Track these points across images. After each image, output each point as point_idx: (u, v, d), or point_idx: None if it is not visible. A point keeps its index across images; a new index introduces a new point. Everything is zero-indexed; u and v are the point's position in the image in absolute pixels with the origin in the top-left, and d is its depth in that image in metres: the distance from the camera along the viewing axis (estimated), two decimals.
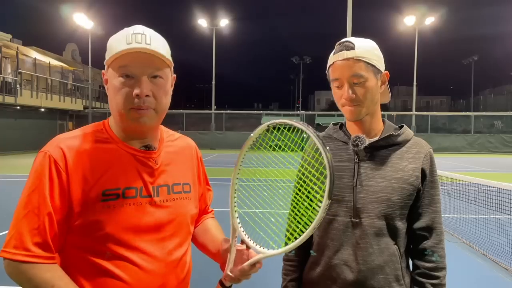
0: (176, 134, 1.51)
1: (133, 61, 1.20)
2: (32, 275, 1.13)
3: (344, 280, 1.49)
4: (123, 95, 1.21)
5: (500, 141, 32.70)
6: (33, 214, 1.15)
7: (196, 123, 36.45)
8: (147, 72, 1.22)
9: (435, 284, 1.49)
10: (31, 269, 1.14)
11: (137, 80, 1.21)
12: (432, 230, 1.52)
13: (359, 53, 1.47)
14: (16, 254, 1.13)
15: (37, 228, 1.15)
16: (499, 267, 5.21)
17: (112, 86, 1.25)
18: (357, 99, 1.49)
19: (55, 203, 1.17)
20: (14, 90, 25.37)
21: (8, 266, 1.16)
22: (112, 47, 1.24)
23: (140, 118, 1.23)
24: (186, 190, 1.40)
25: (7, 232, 1.17)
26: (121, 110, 1.23)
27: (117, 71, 1.22)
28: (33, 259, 1.14)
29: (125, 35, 1.22)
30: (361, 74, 1.47)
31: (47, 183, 1.17)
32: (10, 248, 1.14)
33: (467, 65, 70.58)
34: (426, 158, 1.54)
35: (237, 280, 1.31)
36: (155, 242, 1.27)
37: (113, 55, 1.21)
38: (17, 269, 1.14)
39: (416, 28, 36.94)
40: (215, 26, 40.04)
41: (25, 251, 1.14)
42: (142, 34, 1.22)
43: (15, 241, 1.14)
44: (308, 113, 38.94)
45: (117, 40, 1.23)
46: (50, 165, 1.18)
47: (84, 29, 33.88)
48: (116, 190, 1.23)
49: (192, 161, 1.49)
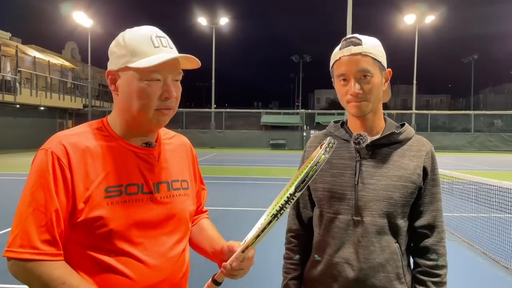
0: (171, 132, 1.52)
1: (163, 66, 1.22)
2: (41, 273, 1.12)
3: (345, 278, 1.49)
4: (152, 97, 1.23)
5: (500, 139, 32.76)
6: (39, 212, 1.14)
7: (195, 121, 36.46)
8: (173, 75, 1.27)
9: (436, 282, 1.49)
10: (39, 267, 1.12)
11: (165, 83, 1.25)
12: (434, 228, 1.52)
13: (366, 49, 1.47)
14: (23, 253, 1.12)
15: (45, 225, 1.13)
16: (499, 265, 5.21)
17: (135, 88, 1.23)
18: (363, 94, 1.48)
19: (61, 199, 1.16)
20: (14, 89, 25.36)
21: (14, 266, 1.14)
22: (140, 51, 1.22)
23: (162, 117, 1.28)
24: (184, 186, 1.41)
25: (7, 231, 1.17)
26: (146, 111, 1.24)
27: (145, 75, 1.22)
28: (42, 256, 1.13)
29: (148, 37, 1.24)
30: (368, 69, 1.46)
31: (52, 180, 1.16)
32: (15, 248, 1.13)
33: (467, 63, 70.59)
34: (427, 156, 1.54)
35: (229, 275, 1.31)
36: (156, 237, 1.27)
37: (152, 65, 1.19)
38: (25, 268, 1.13)
39: (416, 27, 36.95)
40: (215, 25, 40.04)
41: (33, 249, 1.12)
42: (164, 37, 1.27)
43: (21, 240, 1.13)
44: (308, 111, 38.96)
45: (141, 42, 1.23)
46: (53, 162, 1.17)
47: (84, 28, 33.88)
48: (118, 186, 1.23)
49: (188, 159, 1.50)
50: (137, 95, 1.24)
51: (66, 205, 1.17)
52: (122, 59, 1.24)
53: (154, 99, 1.24)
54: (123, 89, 1.26)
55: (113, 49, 1.28)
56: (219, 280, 1.31)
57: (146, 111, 1.24)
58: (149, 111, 1.25)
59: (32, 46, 32.69)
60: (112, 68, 1.28)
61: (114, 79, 1.28)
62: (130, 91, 1.24)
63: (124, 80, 1.26)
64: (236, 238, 1.40)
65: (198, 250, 1.51)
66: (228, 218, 7.32)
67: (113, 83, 1.29)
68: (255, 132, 35.05)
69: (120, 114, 1.31)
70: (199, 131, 33.61)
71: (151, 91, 1.23)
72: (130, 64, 1.22)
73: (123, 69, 1.25)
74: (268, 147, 33.06)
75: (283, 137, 33.94)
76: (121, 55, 1.24)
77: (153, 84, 1.23)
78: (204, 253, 1.48)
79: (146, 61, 1.21)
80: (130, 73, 1.24)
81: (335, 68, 1.54)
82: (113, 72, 1.28)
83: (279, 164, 19.31)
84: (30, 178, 1.18)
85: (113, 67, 1.27)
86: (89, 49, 34.22)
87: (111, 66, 1.28)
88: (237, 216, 7.82)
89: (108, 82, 1.30)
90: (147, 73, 1.22)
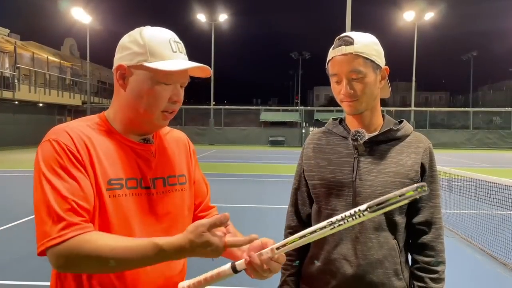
0: (167, 128, 1.51)
1: (179, 71, 1.25)
2: (88, 249, 1.08)
3: (343, 275, 1.49)
4: (162, 99, 1.26)
5: (499, 136, 32.83)
6: (64, 197, 1.11)
7: (194, 118, 36.46)
8: (182, 81, 1.30)
9: (434, 278, 1.49)
10: (85, 244, 1.08)
11: (175, 87, 1.28)
12: (432, 224, 1.52)
13: (358, 49, 1.46)
14: (67, 233, 1.08)
15: (74, 206, 1.11)
16: (498, 262, 5.24)
17: (147, 87, 1.24)
18: (355, 94, 1.48)
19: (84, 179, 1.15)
20: (12, 85, 25.30)
21: (61, 254, 1.08)
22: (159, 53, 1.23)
23: (165, 120, 1.32)
24: (181, 181, 1.40)
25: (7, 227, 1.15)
26: (152, 111, 1.26)
27: (161, 78, 1.23)
28: (86, 229, 1.10)
29: (167, 41, 1.26)
30: (360, 70, 1.46)
31: (67, 161, 1.15)
32: (55, 234, 1.08)
33: (466, 60, 70.58)
34: (425, 153, 1.54)
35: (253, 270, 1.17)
36: (153, 233, 1.25)
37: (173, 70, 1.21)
38: (73, 250, 1.08)
39: (415, 24, 36.88)
40: (214, 21, 39.94)
41: (74, 226, 1.09)
42: (180, 43, 1.31)
43: (58, 225, 1.09)
44: (307, 108, 39.00)
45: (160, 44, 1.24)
46: (63, 148, 1.16)
47: (82, 24, 33.72)
48: (120, 180, 1.23)
49: (186, 153, 1.50)
50: (149, 95, 1.24)
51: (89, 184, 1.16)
52: (139, 57, 1.23)
53: (163, 102, 1.26)
54: (134, 86, 1.25)
55: (127, 45, 1.26)
56: (238, 268, 1.17)
57: (153, 111, 1.26)
58: (155, 111, 1.26)
59: (30, 42, 32.59)
60: (125, 63, 1.25)
61: (123, 74, 1.26)
62: (141, 90, 1.24)
63: (137, 77, 1.25)
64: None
65: None
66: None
67: (121, 78, 1.27)
68: (254, 129, 35.06)
69: (123, 110, 1.30)
70: (198, 128, 33.60)
71: (164, 93, 1.26)
72: (147, 64, 1.22)
73: (137, 67, 1.24)
74: (267, 144, 33.06)
75: (282, 134, 33.94)
76: (138, 53, 1.23)
77: (165, 87, 1.26)
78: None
79: (167, 64, 1.21)
80: (144, 73, 1.23)
81: (329, 68, 1.55)
82: (124, 67, 1.25)
83: (278, 161, 19.31)
84: (40, 170, 1.14)
85: (126, 62, 1.25)
86: (88, 46, 34.13)
87: (123, 61, 1.25)
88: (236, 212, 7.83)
89: (115, 76, 1.28)
90: (163, 76, 1.23)
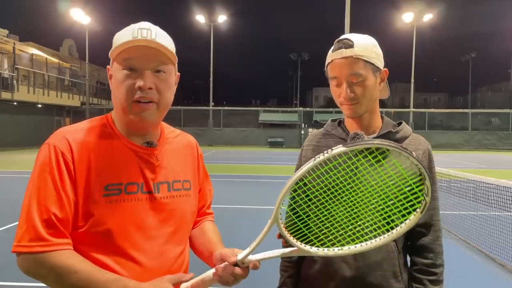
0: (177, 130, 1.51)
1: (137, 54, 1.21)
2: (54, 264, 1.12)
3: (342, 277, 1.49)
4: (126, 87, 1.22)
5: (497, 138, 32.87)
6: (45, 205, 1.14)
7: (193, 119, 36.43)
8: (151, 66, 1.23)
9: (433, 280, 1.49)
10: (51, 259, 1.12)
11: (141, 73, 1.22)
12: (430, 226, 1.52)
13: (358, 51, 1.45)
14: (34, 246, 1.12)
15: (51, 218, 1.14)
16: (496, 263, 5.24)
17: (115, 79, 1.25)
18: (355, 97, 1.48)
19: (66, 191, 1.16)
20: (11, 86, 25.25)
21: (25, 261, 1.13)
22: (117, 41, 1.24)
23: (141, 112, 1.24)
24: (186, 187, 1.39)
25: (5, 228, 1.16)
26: (124, 103, 1.24)
27: (121, 64, 1.23)
28: (52, 247, 1.12)
29: (131, 30, 1.24)
30: (360, 73, 1.46)
31: (56, 173, 1.16)
32: (25, 242, 1.12)
33: (464, 62, 70.72)
34: (424, 155, 1.54)
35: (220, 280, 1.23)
36: (155, 238, 1.26)
37: (117, 47, 1.21)
38: (36, 262, 1.12)
39: (414, 25, 36.93)
40: (213, 22, 39.93)
41: (43, 241, 1.12)
42: (148, 29, 1.23)
43: (29, 234, 1.12)
44: (306, 109, 38.95)
45: (122, 34, 1.25)
46: (58, 157, 1.18)
47: (81, 25, 33.79)
48: (118, 185, 1.23)
49: (193, 158, 1.49)
50: (115, 84, 1.25)
51: (72, 197, 1.17)
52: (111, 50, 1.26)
53: (130, 89, 1.22)
54: (112, 81, 1.29)
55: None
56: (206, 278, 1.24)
57: (124, 101, 1.24)
58: (126, 102, 1.23)
59: (29, 43, 32.65)
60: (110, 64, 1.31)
61: (110, 75, 1.30)
62: (113, 82, 1.27)
63: (112, 72, 1.28)
64: (234, 236, 1.39)
65: (197, 253, 1.48)
66: (225, 216, 7.30)
67: (110, 78, 1.30)
68: (253, 130, 35.05)
69: (115, 109, 1.32)
70: (197, 128, 33.56)
71: (128, 80, 1.22)
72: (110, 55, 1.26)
73: (111, 63, 1.28)
74: (266, 145, 33.07)
75: (281, 135, 33.95)
76: (111, 49, 1.26)
77: (130, 74, 1.22)
78: (202, 256, 1.45)
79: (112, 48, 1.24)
80: (114, 65, 1.27)
81: (328, 70, 1.54)
82: (108, 67, 1.31)
83: (277, 162, 19.30)
84: (34, 172, 1.19)
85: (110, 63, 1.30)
86: (87, 47, 34.14)
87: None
88: (235, 214, 7.83)
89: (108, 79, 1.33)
90: (121, 61, 1.23)
